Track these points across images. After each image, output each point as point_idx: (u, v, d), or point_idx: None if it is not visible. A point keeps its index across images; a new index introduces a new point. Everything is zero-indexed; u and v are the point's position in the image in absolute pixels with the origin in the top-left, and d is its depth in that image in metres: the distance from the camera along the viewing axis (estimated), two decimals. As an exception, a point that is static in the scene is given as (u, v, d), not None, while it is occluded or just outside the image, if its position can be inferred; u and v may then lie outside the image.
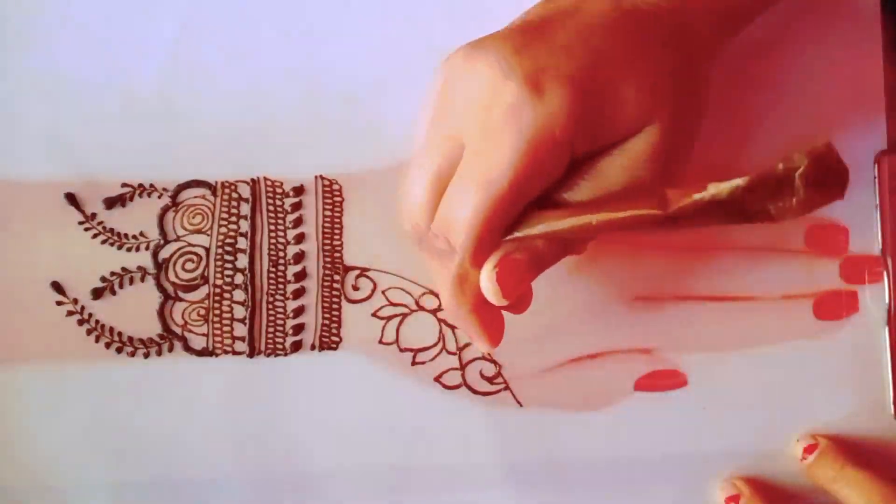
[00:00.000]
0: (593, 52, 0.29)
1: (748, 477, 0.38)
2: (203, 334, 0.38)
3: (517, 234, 0.30)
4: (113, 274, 0.37)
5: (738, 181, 0.26)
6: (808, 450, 0.38)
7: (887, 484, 0.36)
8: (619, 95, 0.29)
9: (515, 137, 0.28)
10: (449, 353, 0.38)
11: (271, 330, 0.38)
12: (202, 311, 0.38)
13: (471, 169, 0.29)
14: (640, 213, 0.28)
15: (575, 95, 0.28)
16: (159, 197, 0.38)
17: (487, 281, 0.30)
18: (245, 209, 0.38)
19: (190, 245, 0.38)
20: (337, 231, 0.38)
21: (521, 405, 0.38)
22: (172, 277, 0.38)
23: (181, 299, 0.38)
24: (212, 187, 0.38)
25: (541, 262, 0.30)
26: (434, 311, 0.38)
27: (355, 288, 0.38)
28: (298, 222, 0.38)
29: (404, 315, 0.38)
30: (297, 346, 0.38)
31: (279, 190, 0.38)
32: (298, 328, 0.38)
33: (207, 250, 0.38)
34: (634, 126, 0.29)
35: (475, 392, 0.38)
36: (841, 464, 0.37)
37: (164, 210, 0.38)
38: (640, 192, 0.29)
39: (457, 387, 0.38)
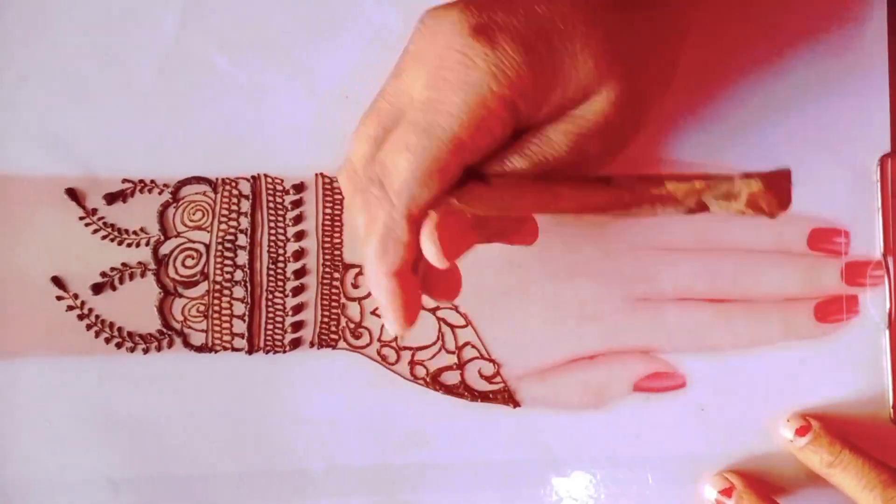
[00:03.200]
0: (551, 14, 0.29)
1: (739, 470, 0.38)
2: (202, 330, 0.38)
3: (454, 202, 0.29)
4: (113, 269, 0.37)
5: (697, 184, 0.27)
6: (801, 432, 0.38)
7: (884, 469, 0.35)
8: (571, 60, 0.29)
9: (464, 89, 0.28)
10: (448, 352, 0.38)
11: (270, 327, 0.38)
12: (202, 308, 0.38)
13: (417, 115, 0.28)
14: (594, 197, 0.28)
15: (527, 55, 0.28)
16: (160, 193, 0.38)
17: (429, 236, 0.28)
18: (245, 206, 0.38)
19: (190, 241, 0.38)
20: (337, 229, 0.38)
21: (519, 405, 0.38)
22: (172, 273, 0.38)
23: (181, 295, 0.38)
24: (212, 184, 0.38)
25: (486, 226, 0.29)
26: (433, 311, 0.38)
27: (355, 286, 0.38)
28: (299, 220, 0.38)
29: (403, 313, 0.38)
30: (296, 344, 0.38)
31: (280, 187, 0.38)
32: (298, 325, 0.38)
33: (207, 247, 0.38)
34: (583, 92, 0.29)
35: (473, 391, 0.38)
36: (839, 448, 0.36)
37: (165, 206, 0.38)
38: (584, 171, 0.29)
39: (455, 386, 0.38)
